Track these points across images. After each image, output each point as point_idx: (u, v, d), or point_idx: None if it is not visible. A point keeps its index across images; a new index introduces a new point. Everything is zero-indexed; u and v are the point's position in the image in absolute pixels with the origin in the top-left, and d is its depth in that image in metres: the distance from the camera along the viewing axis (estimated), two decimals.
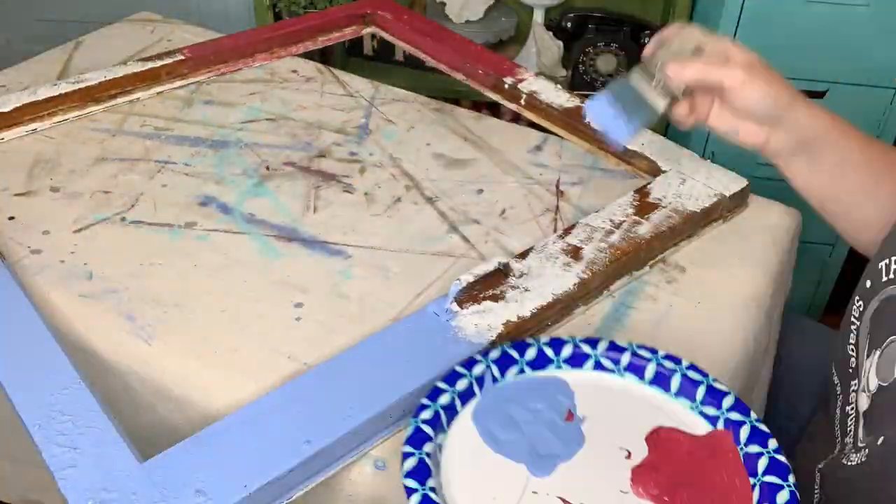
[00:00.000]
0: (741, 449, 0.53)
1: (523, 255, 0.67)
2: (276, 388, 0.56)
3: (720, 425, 0.55)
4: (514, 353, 0.59)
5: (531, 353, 0.59)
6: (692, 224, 0.74)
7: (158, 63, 0.95)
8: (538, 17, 1.58)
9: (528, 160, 0.86)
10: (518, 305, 0.62)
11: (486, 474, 0.52)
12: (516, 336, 0.62)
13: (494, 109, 1.48)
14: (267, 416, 0.54)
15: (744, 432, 0.54)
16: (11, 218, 0.74)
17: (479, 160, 0.86)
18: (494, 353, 0.58)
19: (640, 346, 0.59)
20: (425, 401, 0.54)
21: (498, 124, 0.93)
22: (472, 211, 0.78)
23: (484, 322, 0.61)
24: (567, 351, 0.59)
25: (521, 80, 0.94)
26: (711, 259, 0.74)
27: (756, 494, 0.50)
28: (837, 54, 1.28)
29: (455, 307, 0.62)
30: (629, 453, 0.54)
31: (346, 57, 1.65)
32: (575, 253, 0.68)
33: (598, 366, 0.59)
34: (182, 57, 0.96)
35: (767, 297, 0.72)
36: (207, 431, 0.53)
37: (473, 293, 0.63)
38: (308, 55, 1.06)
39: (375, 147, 0.87)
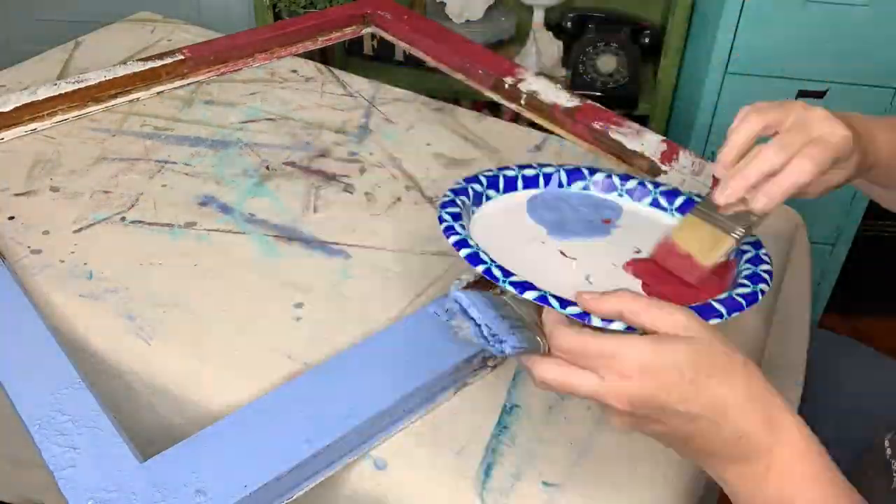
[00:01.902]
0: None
1: None
2: (276, 388, 0.56)
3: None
4: (585, 172, 0.66)
5: (599, 177, 0.67)
6: None
7: (158, 63, 0.95)
8: (538, 17, 1.58)
9: (528, 160, 0.86)
10: None
11: (512, 225, 0.61)
12: None
13: (494, 109, 1.48)
14: (267, 416, 0.54)
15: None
16: (11, 218, 0.74)
17: (479, 160, 0.86)
18: (568, 166, 0.67)
19: (698, 195, 0.64)
20: (491, 171, 0.64)
21: (498, 124, 0.93)
22: None
23: None
24: (631, 184, 0.66)
25: (521, 80, 0.94)
26: None
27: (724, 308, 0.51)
28: (837, 54, 1.28)
29: (455, 307, 0.62)
30: (639, 250, 0.59)
31: (346, 57, 1.65)
32: None
33: (655, 203, 0.65)
34: (182, 57, 0.96)
35: (766, 296, 0.72)
36: (207, 431, 0.52)
37: None
38: (308, 55, 1.06)
39: (375, 147, 0.87)
